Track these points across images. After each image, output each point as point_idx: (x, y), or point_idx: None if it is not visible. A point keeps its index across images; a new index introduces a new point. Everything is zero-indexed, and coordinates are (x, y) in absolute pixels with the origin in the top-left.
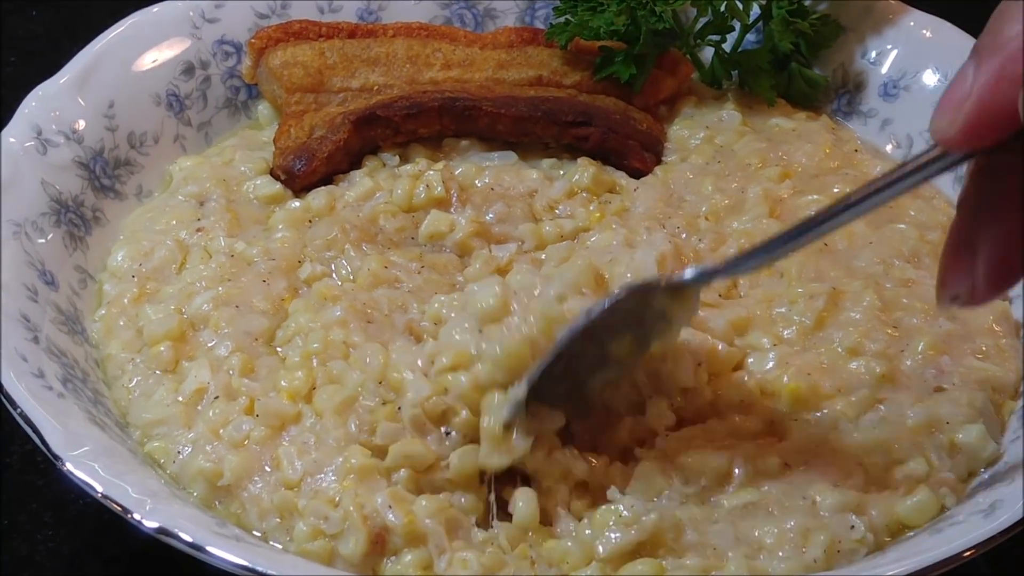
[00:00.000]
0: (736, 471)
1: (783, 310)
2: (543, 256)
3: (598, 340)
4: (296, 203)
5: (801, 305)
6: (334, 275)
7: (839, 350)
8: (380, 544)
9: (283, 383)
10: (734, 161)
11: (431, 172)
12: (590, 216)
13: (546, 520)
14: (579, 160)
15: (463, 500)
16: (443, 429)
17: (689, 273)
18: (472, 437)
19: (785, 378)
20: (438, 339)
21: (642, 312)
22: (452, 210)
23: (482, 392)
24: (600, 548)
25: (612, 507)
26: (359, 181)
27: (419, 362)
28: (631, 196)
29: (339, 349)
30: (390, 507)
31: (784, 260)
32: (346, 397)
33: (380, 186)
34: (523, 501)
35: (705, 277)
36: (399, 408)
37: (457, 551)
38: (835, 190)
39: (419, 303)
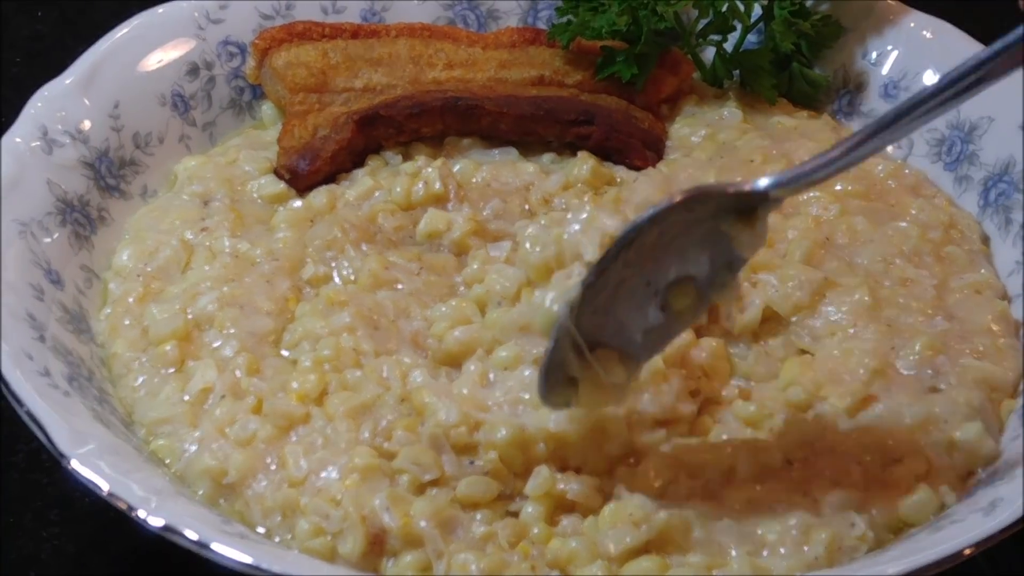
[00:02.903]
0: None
1: (773, 281)
2: None
3: (655, 276)
4: (298, 203)
5: (789, 287)
6: (336, 276)
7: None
8: (379, 545)
9: (294, 385)
10: (736, 157)
11: (429, 169)
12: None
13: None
14: (579, 154)
15: (477, 513)
16: (469, 460)
17: (764, 182)
18: (495, 474)
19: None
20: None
21: (703, 239)
22: (450, 207)
23: (515, 448)
24: (610, 547)
25: (622, 504)
26: (360, 180)
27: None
28: (631, 188)
29: (350, 356)
30: (388, 508)
31: (789, 244)
32: (361, 403)
33: (380, 184)
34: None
35: (778, 190)
36: (421, 424)
37: (456, 552)
38: (837, 188)
39: (420, 307)
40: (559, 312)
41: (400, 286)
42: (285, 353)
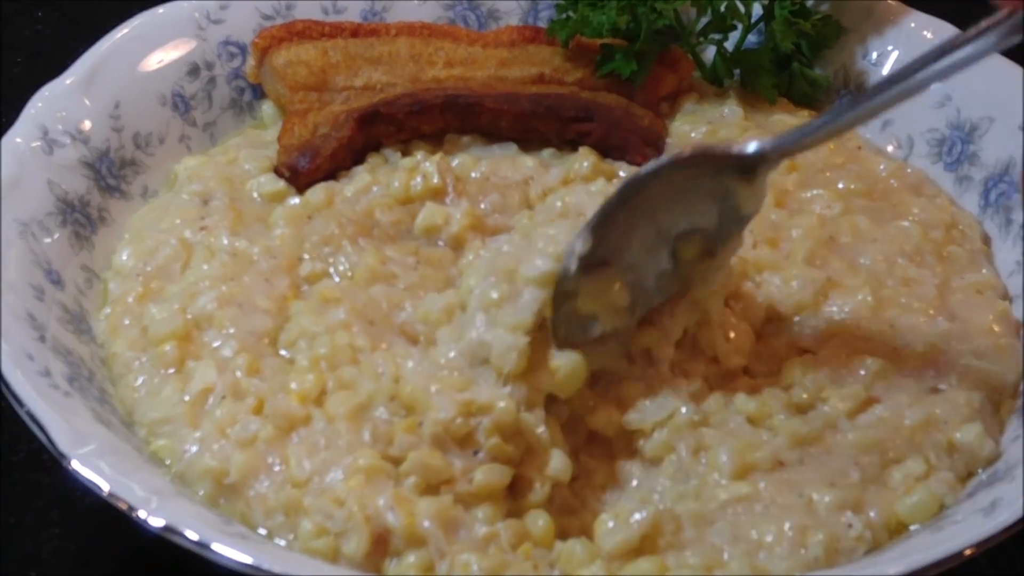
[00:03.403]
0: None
1: (777, 280)
2: None
3: (664, 225)
4: (296, 200)
5: (792, 286)
6: (333, 271)
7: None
8: (382, 544)
9: (293, 385)
10: None
11: (427, 163)
12: None
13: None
14: (580, 149)
15: (479, 513)
16: (473, 452)
17: (760, 144)
18: (501, 458)
19: None
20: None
21: (709, 194)
22: (448, 201)
23: (514, 419)
24: (603, 545)
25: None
26: (358, 175)
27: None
28: None
29: (346, 353)
30: (392, 508)
31: (793, 244)
32: (359, 404)
33: (378, 180)
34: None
35: (776, 151)
36: (420, 423)
37: (458, 553)
38: (840, 186)
39: (414, 301)
40: (572, 247)
41: (398, 280)
42: (284, 352)
